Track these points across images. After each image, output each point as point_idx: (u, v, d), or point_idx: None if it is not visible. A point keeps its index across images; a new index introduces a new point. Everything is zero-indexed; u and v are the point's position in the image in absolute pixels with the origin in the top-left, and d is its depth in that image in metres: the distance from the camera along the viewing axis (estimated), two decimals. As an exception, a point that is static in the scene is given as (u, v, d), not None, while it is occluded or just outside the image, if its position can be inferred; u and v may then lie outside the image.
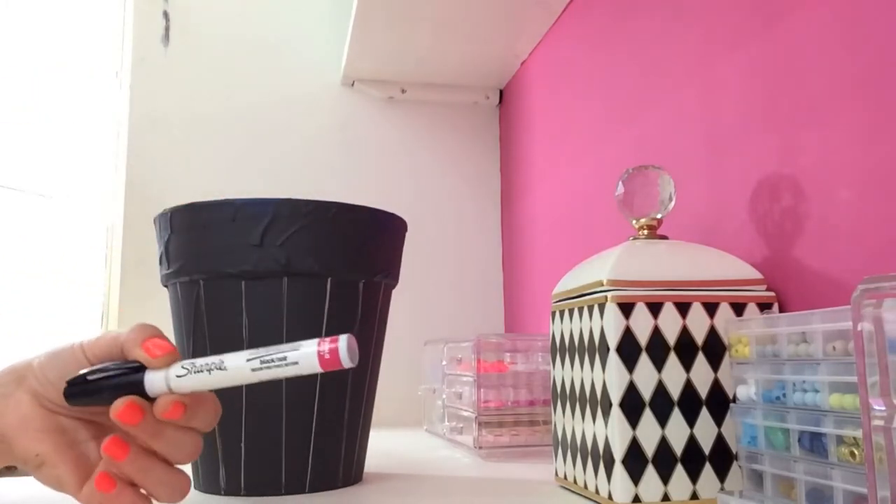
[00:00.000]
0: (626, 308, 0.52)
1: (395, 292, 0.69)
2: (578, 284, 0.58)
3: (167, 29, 1.24)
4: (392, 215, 0.65)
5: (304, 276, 0.59)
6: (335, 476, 0.62)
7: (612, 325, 0.52)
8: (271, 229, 0.58)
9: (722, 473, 0.52)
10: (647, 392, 0.52)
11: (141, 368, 0.40)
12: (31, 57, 1.27)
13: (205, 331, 0.60)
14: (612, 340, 0.52)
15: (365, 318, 0.63)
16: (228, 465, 0.59)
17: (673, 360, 0.52)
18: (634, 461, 0.51)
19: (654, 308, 0.53)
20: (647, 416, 0.52)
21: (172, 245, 0.61)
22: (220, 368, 0.38)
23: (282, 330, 0.58)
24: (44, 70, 1.27)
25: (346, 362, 0.37)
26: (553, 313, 0.63)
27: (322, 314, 0.60)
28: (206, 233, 0.59)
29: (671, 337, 0.53)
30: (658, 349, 0.52)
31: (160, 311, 0.64)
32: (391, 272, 0.66)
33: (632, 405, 0.52)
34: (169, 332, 1.14)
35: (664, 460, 0.51)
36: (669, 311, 0.53)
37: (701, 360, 0.53)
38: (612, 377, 0.52)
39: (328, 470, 0.61)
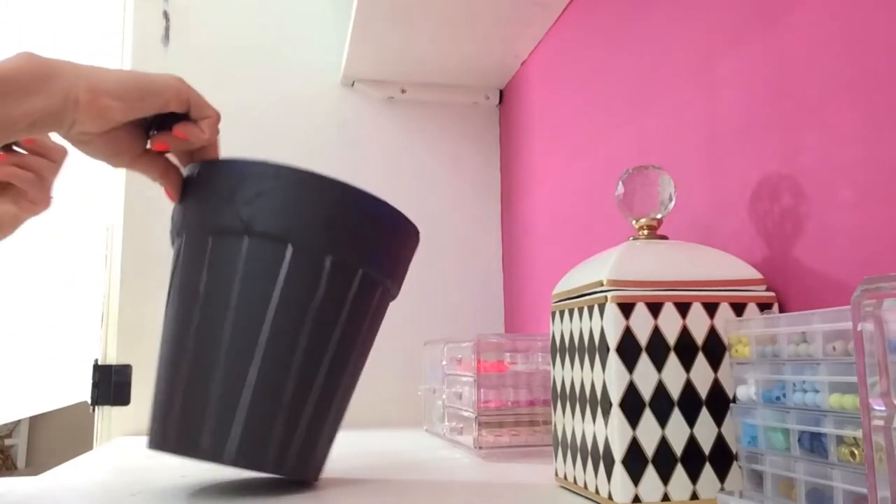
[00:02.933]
0: (626, 308, 0.52)
1: (395, 292, 0.69)
2: (578, 284, 0.58)
3: (167, 29, 1.24)
4: (410, 223, 0.66)
5: (306, 251, 0.60)
6: (263, 456, 0.58)
7: (612, 325, 0.52)
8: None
9: (722, 473, 0.52)
10: (647, 392, 0.52)
11: None
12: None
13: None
14: (612, 340, 0.52)
15: (354, 310, 0.62)
16: (156, 420, 0.60)
17: (673, 361, 0.52)
18: (634, 461, 0.51)
19: (654, 308, 0.53)
20: (647, 417, 0.52)
21: (176, 207, 0.64)
22: None
23: (270, 300, 0.59)
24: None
25: None
26: (553, 313, 0.63)
27: (315, 295, 0.60)
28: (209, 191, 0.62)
29: (671, 337, 0.53)
30: (658, 349, 0.52)
31: (160, 311, 0.64)
32: (392, 273, 0.65)
33: (632, 405, 0.52)
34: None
35: (664, 460, 0.51)
36: (669, 311, 0.53)
37: (701, 361, 0.53)
38: (612, 377, 0.52)
39: (254, 446, 0.58)
